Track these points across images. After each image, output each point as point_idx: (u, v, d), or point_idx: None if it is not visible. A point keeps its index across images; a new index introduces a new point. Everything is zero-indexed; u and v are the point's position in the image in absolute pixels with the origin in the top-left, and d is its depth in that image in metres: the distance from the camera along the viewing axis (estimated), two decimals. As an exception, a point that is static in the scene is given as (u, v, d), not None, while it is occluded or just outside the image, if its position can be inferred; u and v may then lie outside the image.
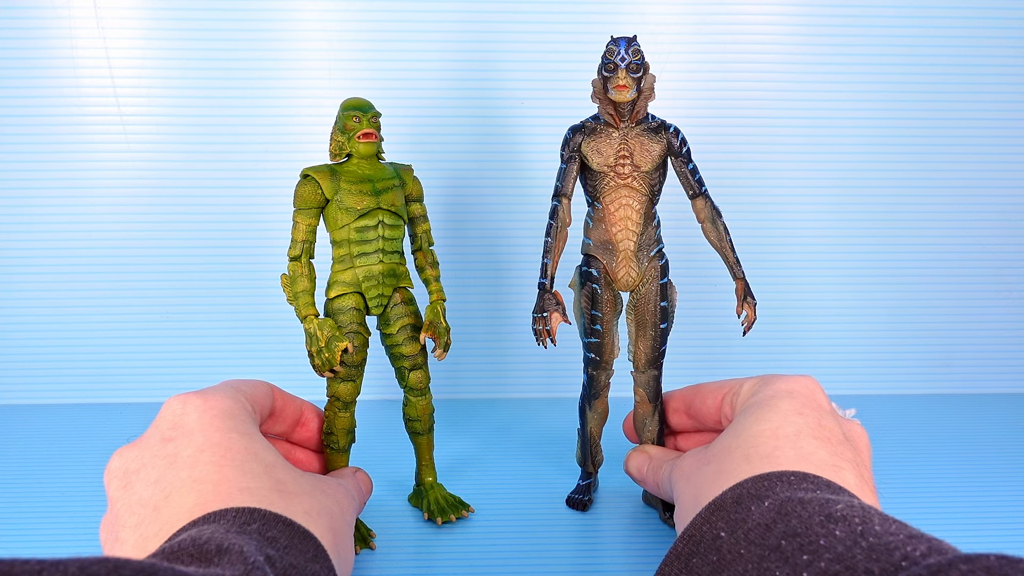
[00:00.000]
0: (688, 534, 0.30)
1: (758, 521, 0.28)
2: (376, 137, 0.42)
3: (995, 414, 0.65)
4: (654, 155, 0.41)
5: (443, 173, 0.64)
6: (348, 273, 0.43)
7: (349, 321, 0.42)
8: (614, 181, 0.41)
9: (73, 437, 0.59)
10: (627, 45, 0.39)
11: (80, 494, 0.50)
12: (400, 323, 0.44)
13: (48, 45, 0.61)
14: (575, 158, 0.42)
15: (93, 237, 0.64)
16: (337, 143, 0.43)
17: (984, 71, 0.66)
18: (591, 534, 0.46)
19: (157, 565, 0.22)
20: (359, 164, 0.43)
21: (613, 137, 0.41)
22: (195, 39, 0.62)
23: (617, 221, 0.42)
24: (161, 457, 0.31)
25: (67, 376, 0.66)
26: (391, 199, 0.43)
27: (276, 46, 0.62)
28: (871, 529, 0.26)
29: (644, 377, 0.45)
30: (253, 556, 0.25)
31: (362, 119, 0.42)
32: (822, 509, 0.27)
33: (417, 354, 0.45)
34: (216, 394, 0.34)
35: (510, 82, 0.64)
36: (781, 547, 0.26)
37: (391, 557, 0.43)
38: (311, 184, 0.42)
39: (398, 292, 0.44)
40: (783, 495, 0.29)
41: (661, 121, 0.41)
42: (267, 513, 0.29)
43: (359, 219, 0.42)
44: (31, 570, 0.20)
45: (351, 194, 0.41)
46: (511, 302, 0.66)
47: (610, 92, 0.39)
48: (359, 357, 0.43)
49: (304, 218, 0.42)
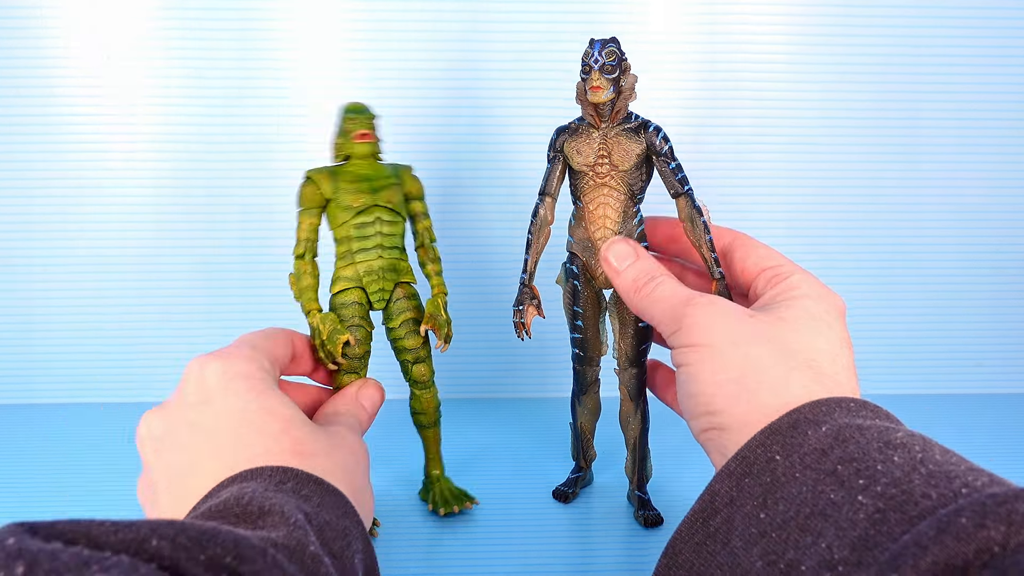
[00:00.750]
0: (742, 455, 0.29)
1: (814, 446, 0.27)
2: (372, 137, 0.44)
3: (1007, 414, 0.65)
4: (632, 155, 0.41)
5: (441, 174, 0.65)
6: (350, 269, 0.44)
7: (351, 315, 0.44)
8: (593, 180, 0.42)
9: (73, 437, 0.60)
10: (601, 47, 0.40)
11: (80, 494, 0.51)
12: (402, 317, 0.45)
13: (48, 45, 0.62)
14: (559, 158, 0.43)
15: (93, 237, 0.65)
16: (337, 145, 0.45)
17: (997, 68, 0.66)
18: (583, 529, 0.47)
19: (218, 528, 0.23)
20: (358, 164, 0.44)
21: (593, 137, 0.41)
22: (195, 39, 0.62)
23: (596, 219, 0.42)
24: (185, 424, 0.33)
25: (67, 376, 0.67)
26: (388, 196, 0.44)
27: (275, 46, 0.63)
28: (931, 457, 0.25)
29: (625, 375, 0.45)
30: (293, 515, 0.26)
31: (358, 120, 0.44)
32: (881, 436, 0.27)
33: (419, 348, 0.46)
34: (233, 355, 0.35)
35: (507, 82, 0.64)
36: (837, 471, 0.26)
37: (396, 552, 0.44)
38: (311, 185, 0.44)
39: (400, 287, 0.45)
40: (841, 421, 0.28)
41: (643, 120, 0.41)
42: (300, 472, 0.30)
43: (357, 216, 0.43)
44: (108, 530, 0.21)
45: (349, 192, 0.43)
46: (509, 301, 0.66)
47: (587, 93, 0.40)
48: (361, 350, 0.44)
49: (306, 217, 0.44)
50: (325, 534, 0.28)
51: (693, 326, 0.34)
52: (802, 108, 0.66)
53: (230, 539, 0.23)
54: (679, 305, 0.35)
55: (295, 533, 0.26)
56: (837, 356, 0.33)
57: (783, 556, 0.25)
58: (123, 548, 0.21)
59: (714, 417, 0.32)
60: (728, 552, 0.28)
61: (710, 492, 0.29)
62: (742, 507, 0.28)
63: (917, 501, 0.23)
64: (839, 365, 0.32)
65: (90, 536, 0.21)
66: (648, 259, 0.39)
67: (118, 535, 0.21)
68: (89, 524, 0.21)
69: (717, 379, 0.32)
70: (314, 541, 0.26)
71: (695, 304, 0.34)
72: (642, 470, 0.47)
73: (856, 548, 0.24)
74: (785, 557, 0.25)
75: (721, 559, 0.28)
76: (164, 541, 0.21)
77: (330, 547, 0.27)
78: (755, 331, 0.33)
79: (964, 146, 0.67)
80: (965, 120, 0.66)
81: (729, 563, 0.27)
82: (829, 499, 0.25)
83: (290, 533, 0.25)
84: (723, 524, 0.28)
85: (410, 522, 0.47)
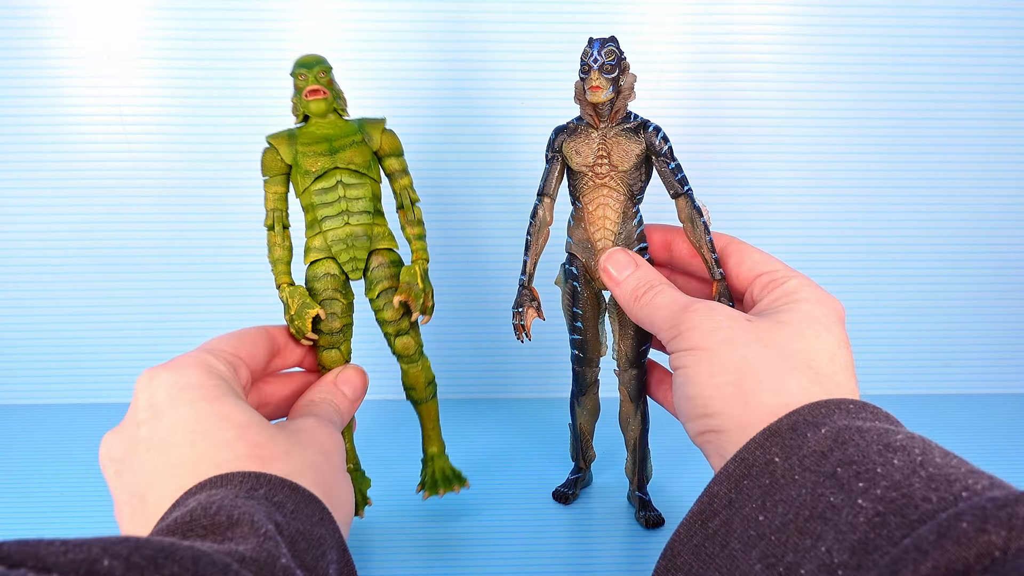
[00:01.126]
0: (740, 457, 0.29)
1: (813, 448, 0.27)
2: (324, 93, 0.41)
3: (995, 414, 0.65)
4: (632, 155, 0.41)
5: (441, 172, 0.65)
6: (318, 238, 0.42)
7: (324, 288, 0.42)
8: (592, 181, 0.41)
9: (73, 437, 0.60)
10: (600, 46, 0.39)
11: (79, 494, 0.51)
12: (380, 287, 0.42)
13: (48, 45, 0.62)
14: (557, 158, 0.43)
15: (93, 237, 0.65)
16: (293, 105, 0.42)
17: (986, 70, 0.66)
18: (584, 530, 0.47)
19: (176, 544, 0.22)
20: (318, 124, 0.42)
21: (592, 137, 0.41)
22: (195, 39, 0.62)
23: (595, 220, 0.42)
24: (138, 443, 0.31)
25: (67, 376, 0.67)
26: (349, 157, 0.41)
27: (275, 46, 0.63)
28: (931, 460, 0.25)
29: (625, 376, 0.45)
30: (264, 526, 0.25)
31: (308, 76, 0.41)
32: (880, 438, 0.27)
33: (400, 320, 0.43)
34: (182, 365, 0.33)
35: (508, 82, 0.64)
36: (837, 474, 0.26)
37: (395, 554, 0.43)
38: (271, 151, 0.42)
39: (378, 254, 0.43)
40: (840, 423, 0.28)
41: (642, 120, 0.41)
42: (273, 477, 0.29)
43: (316, 181, 0.41)
44: (56, 551, 0.20)
45: (307, 156, 0.41)
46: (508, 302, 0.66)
47: (587, 93, 0.40)
48: (339, 323, 0.42)
49: (271, 186, 0.42)
50: (298, 544, 0.27)
51: (691, 330, 0.34)
52: (796, 108, 0.66)
53: (188, 556, 0.21)
54: (678, 311, 0.35)
55: (265, 545, 0.24)
56: (835, 357, 0.32)
57: (782, 559, 0.25)
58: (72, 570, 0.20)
59: (711, 419, 0.32)
60: (727, 555, 0.27)
61: (708, 494, 0.29)
62: (741, 509, 0.28)
63: (917, 504, 0.23)
64: (837, 366, 0.32)
65: (38, 557, 0.20)
66: (647, 268, 0.39)
67: (67, 556, 0.20)
68: (37, 544, 0.20)
69: (715, 381, 0.32)
70: (285, 553, 0.25)
71: (694, 310, 0.35)
72: (642, 471, 0.47)
73: (856, 552, 0.23)
74: (784, 560, 0.25)
75: (720, 562, 0.28)
76: (116, 561, 0.20)
77: (303, 559, 0.26)
78: (753, 335, 0.33)
79: (942, 147, 0.67)
80: (939, 124, 0.66)
81: (728, 566, 0.27)
82: (828, 502, 0.25)
83: (259, 545, 0.24)
84: (722, 526, 0.28)
85: (410, 523, 0.47)
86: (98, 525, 0.47)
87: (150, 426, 0.31)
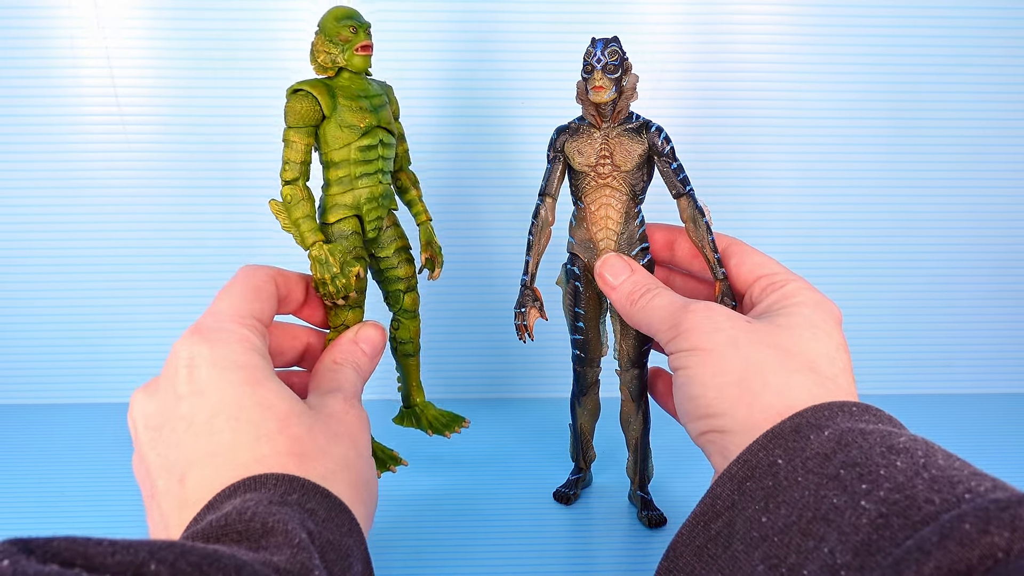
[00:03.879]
0: (743, 459, 0.29)
1: (817, 450, 0.27)
2: (372, 50, 0.40)
3: (995, 414, 0.65)
4: (634, 155, 0.41)
5: (442, 173, 0.65)
6: (348, 196, 0.40)
7: (352, 246, 0.41)
8: (595, 181, 0.42)
9: (73, 437, 0.60)
10: (604, 46, 0.39)
11: (79, 494, 0.51)
12: (394, 245, 0.44)
13: (47, 44, 0.62)
14: (559, 158, 0.42)
15: (93, 236, 0.65)
16: (328, 55, 0.40)
17: (987, 70, 0.66)
18: (585, 531, 0.47)
19: (220, 552, 0.22)
20: (353, 80, 0.40)
21: (595, 137, 0.41)
22: (195, 39, 0.62)
23: (597, 220, 0.42)
24: (179, 418, 0.31)
25: (67, 376, 0.67)
26: (387, 117, 0.41)
27: (275, 46, 0.63)
28: (934, 462, 0.25)
29: (627, 376, 0.45)
30: (297, 535, 0.25)
31: (359, 30, 0.40)
32: (883, 441, 0.27)
33: (412, 276, 0.45)
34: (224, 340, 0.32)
35: (507, 82, 0.64)
36: (840, 476, 0.26)
37: (395, 553, 0.43)
38: (308, 99, 0.39)
39: (390, 215, 0.44)
40: (843, 425, 0.28)
41: (644, 120, 0.41)
42: (307, 483, 0.29)
43: (363, 137, 0.40)
44: (104, 551, 0.21)
45: (352, 111, 0.39)
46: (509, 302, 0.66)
47: (589, 93, 0.40)
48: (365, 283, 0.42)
49: (301, 136, 0.39)
50: (328, 555, 0.27)
51: (692, 330, 0.34)
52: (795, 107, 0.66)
53: (232, 565, 0.22)
54: (677, 312, 0.35)
55: (299, 556, 0.25)
56: (835, 360, 0.33)
57: (785, 560, 0.25)
58: (120, 571, 0.20)
59: (715, 420, 0.32)
60: (729, 556, 0.27)
61: (711, 495, 0.29)
62: (744, 511, 0.28)
63: (920, 506, 0.23)
64: (837, 368, 0.32)
65: (87, 556, 0.20)
66: (642, 272, 0.40)
67: (115, 557, 0.20)
68: (86, 543, 0.21)
69: (718, 382, 0.32)
70: (318, 564, 0.25)
71: (693, 310, 0.35)
72: (644, 470, 0.47)
73: (859, 553, 0.23)
74: (787, 561, 0.25)
75: (722, 563, 0.28)
76: (163, 566, 0.21)
77: (331, 569, 0.27)
78: (755, 336, 0.33)
79: (943, 147, 0.67)
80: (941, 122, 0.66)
81: (730, 567, 0.27)
82: (832, 504, 0.25)
83: (293, 556, 0.25)
84: (724, 528, 0.28)
85: (410, 524, 0.47)
86: (98, 525, 0.47)
87: (191, 403, 0.31)
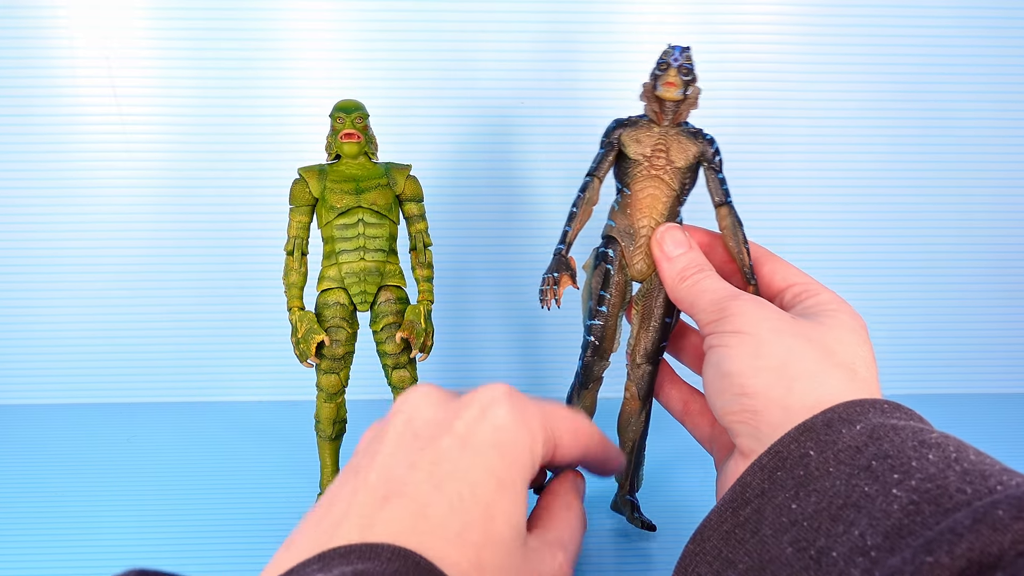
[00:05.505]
0: (774, 450, 0.29)
1: (848, 443, 0.28)
2: (358, 137, 0.45)
3: (994, 414, 0.65)
4: (689, 154, 0.42)
5: (443, 173, 0.65)
6: (333, 269, 0.45)
7: (333, 315, 0.45)
8: (647, 171, 0.43)
9: (73, 437, 0.59)
10: (682, 51, 0.42)
11: (79, 494, 0.51)
12: (385, 321, 0.46)
13: (48, 44, 0.61)
14: (613, 146, 0.44)
15: (93, 236, 0.65)
16: (328, 144, 0.46)
17: (995, 72, 0.66)
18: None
19: None
20: (348, 164, 0.45)
21: (653, 131, 0.43)
22: (195, 38, 0.62)
23: (643, 208, 0.43)
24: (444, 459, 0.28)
25: (67, 376, 0.66)
26: (373, 198, 0.45)
27: (275, 46, 0.63)
28: (966, 457, 0.26)
29: (639, 371, 0.45)
30: None
31: (345, 120, 0.45)
32: (915, 436, 0.27)
33: (399, 353, 0.46)
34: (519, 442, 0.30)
35: (507, 82, 0.64)
36: (871, 467, 0.26)
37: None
38: (301, 183, 0.45)
39: (387, 290, 0.46)
40: (875, 420, 0.28)
41: (699, 129, 0.43)
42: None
43: (339, 217, 0.44)
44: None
45: (334, 193, 0.44)
46: (510, 302, 0.67)
47: (658, 89, 0.41)
48: (341, 351, 0.45)
49: (296, 215, 0.45)
50: None
51: (737, 315, 0.35)
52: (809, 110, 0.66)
53: None
54: (725, 298, 0.36)
55: None
56: (870, 366, 0.34)
57: (814, 543, 0.26)
58: None
59: (748, 399, 0.32)
60: (758, 540, 0.28)
61: (741, 484, 0.29)
62: (773, 498, 0.28)
63: (952, 495, 0.24)
64: (872, 373, 0.34)
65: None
66: (699, 252, 0.41)
67: None
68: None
69: (757, 364, 0.33)
70: None
71: (741, 299, 0.36)
72: (636, 475, 0.47)
73: (889, 536, 0.24)
74: (816, 544, 0.26)
75: (750, 546, 0.28)
76: None
77: None
78: (799, 329, 0.34)
79: (947, 147, 0.67)
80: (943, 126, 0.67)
81: (758, 550, 0.27)
82: (863, 491, 0.26)
83: None
84: (753, 514, 0.28)
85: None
86: (98, 524, 0.47)
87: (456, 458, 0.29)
